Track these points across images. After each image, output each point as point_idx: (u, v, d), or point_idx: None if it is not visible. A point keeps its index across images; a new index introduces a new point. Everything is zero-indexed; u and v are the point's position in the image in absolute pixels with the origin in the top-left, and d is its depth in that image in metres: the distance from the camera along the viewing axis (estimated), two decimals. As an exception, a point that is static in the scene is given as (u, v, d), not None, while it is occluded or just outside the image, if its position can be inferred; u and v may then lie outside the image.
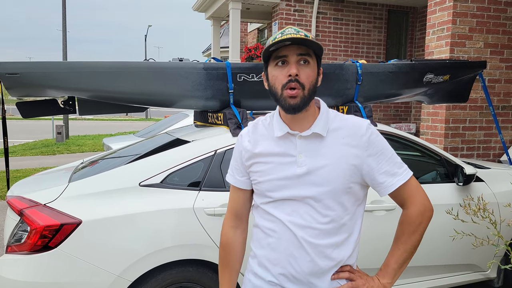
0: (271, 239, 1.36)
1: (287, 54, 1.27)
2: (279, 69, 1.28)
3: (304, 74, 1.27)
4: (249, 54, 10.00)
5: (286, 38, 1.23)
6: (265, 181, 1.35)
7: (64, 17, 14.64)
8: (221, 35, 14.50)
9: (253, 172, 1.39)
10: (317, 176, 1.30)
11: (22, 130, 20.81)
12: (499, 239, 2.33)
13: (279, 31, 1.30)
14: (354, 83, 3.10)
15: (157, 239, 2.32)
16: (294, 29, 1.29)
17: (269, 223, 1.37)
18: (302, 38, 1.23)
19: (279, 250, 1.34)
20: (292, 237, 1.32)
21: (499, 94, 5.58)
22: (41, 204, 2.27)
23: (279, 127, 1.35)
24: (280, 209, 1.34)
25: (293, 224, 1.32)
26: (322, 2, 8.83)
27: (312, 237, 1.31)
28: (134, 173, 2.46)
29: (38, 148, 12.67)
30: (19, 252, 2.21)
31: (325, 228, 1.31)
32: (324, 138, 1.32)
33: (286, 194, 1.32)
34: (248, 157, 1.39)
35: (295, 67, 1.26)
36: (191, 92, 2.81)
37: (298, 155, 1.32)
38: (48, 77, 2.59)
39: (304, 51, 1.27)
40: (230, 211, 1.49)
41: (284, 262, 1.34)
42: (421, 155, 3.10)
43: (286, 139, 1.34)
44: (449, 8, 5.21)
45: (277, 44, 1.25)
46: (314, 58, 1.31)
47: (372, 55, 9.31)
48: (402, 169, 1.36)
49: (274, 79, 1.30)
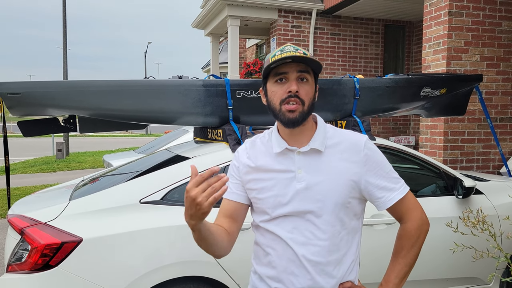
0: (271, 257, 1.36)
1: (287, 71, 1.30)
2: (279, 85, 1.31)
3: (303, 90, 1.30)
4: (248, 69, 10.09)
5: (287, 56, 1.26)
6: (265, 198, 1.35)
7: (65, 35, 14.80)
8: (220, 51, 14.64)
9: (252, 190, 1.39)
10: (316, 192, 1.31)
11: (23, 148, 20.83)
12: (499, 251, 2.33)
13: (278, 49, 1.33)
14: (352, 97, 3.13)
15: (157, 256, 2.32)
16: (293, 46, 1.32)
17: (269, 241, 1.37)
18: (302, 56, 1.26)
19: (280, 269, 1.34)
20: (293, 255, 1.32)
21: (497, 106, 5.62)
22: (42, 222, 2.28)
23: (277, 144, 1.36)
24: (280, 227, 1.34)
25: (293, 241, 1.32)
26: (319, 17, 8.95)
27: (313, 255, 1.32)
28: (135, 190, 2.47)
29: (38, 166, 12.67)
30: (20, 271, 2.20)
31: (325, 244, 1.32)
32: (322, 154, 1.34)
33: (286, 210, 1.33)
34: (247, 172, 1.39)
35: (295, 84, 1.29)
36: (191, 109, 2.84)
37: (297, 170, 1.33)
38: (49, 96, 2.62)
39: (303, 68, 1.31)
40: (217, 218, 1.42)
41: (284, 280, 1.34)
42: (420, 168, 3.11)
43: (284, 155, 1.36)
44: (445, 23, 5.29)
45: (278, 62, 1.28)
46: (312, 75, 1.34)
47: (369, 69, 9.40)
48: (399, 184, 1.38)
49: (273, 95, 1.32)
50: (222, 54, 15.04)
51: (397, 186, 1.38)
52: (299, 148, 1.34)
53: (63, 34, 14.80)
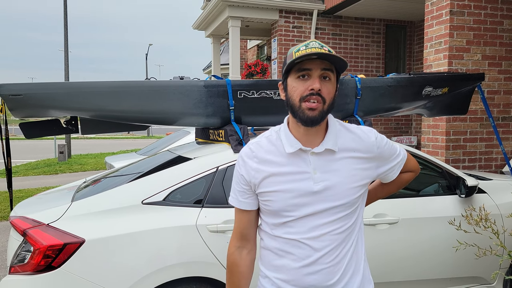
0: (285, 260, 1.34)
1: (311, 68, 1.26)
2: (301, 81, 1.27)
3: (325, 89, 1.27)
4: (249, 70, 10.09)
5: (313, 53, 1.22)
6: (280, 200, 1.31)
7: (66, 38, 14.82)
8: (221, 52, 14.66)
9: (265, 193, 1.34)
10: (333, 191, 1.30)
11: (24, 150, 20.87)
12: (503, 249, 2.32)
13: (303, 44, 1.29)
14: (353, 97, 3.13)
15: (160, 257, 2.32)
16: (318, 43, 1.28)
17: (283, 245, 1.34)
18: (328, 53, 1.23)
19: (295, 271, 1.33)
20: (309, 256, 1.31)
21: (499, 106, 5.61)
22: (44, 224, 2.28)
23: (289, 143, 1.32)
24: (296, 228, 1.32)
25: (310, 241, 1.31)
26: (321, 18, 8.95)
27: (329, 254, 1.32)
28: (137, 191, 2.47)
29: (40, 168, 12.69)
30: (23, 272, 2.20)
31: (341, 242, 1.34)
32: (335, 153, 1.33)
33: (303, 211, 1.31)
34: (258, 176, 1.34)
35: (318, 82, 1.25)
36: (192, 110, 2.84)
37: (312, 171, 1.30)
38: (51, 97, 2.62)
39: (327, 66, 1.27)
40: (236, 231, 1.44)
41: (300, 282, 1.33)
42: (423, 167, 3.11)
43: (298, 155, 1.32)
44: (446, 22, 5.28)
45: (303, 57, 1.23)
46: (335, 74, 1.31)
47: (371, 69, 9.39)
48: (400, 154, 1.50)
49: (293, 91, 1.28)
50: (223, 56, 15.05)
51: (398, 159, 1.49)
52: (313, 148, 1.31)
53: (64, 36, 14.83)
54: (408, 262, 2.79)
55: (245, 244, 1.44)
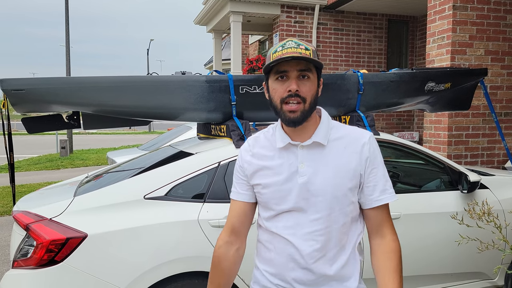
0: (272, 253, 1.37)
1: (288, 70, 1.28)
2: (280, 83, 1.30)
3: (304, 88, 1.28)
4: (250, 66, 10.07)
5: (286, 56, 1.24)
6: (269, 192, 1.35)
7: (67, 33, 14.81)
8: (222, 47, 14.62)
9: (256, 185, 1.39)
10: (317, 185, 1.31)
11: (26, 145, 20.92)
12: (505, 243, 2.32)
13: (280, 44, 1.31)
14: (355, 92, 3.12)
15: (162, 252, 2.32)
16: (295, 42, 1.29)
17: (270, 238, 1.38)
18: (302, 56, 1.24)
19: (280, 265, 1.35)
20: (293, 251, 1.33)
21: (502, 101, 5.59)
22: (47, 218, 2.28)
23: (280, 138, 1.36)
24: (282, 223, 1.34)
25: (294, 237, 1.32)
26: (322, 13, 8.92)
27: (313, 250, 1.32)
28: (139, 186, 2.47)
29: (42, 163, 12.73)
30: (26, 267, 2.21)
31: (326, 238, 1.32)
32: (325, 147, 1.34)
33: (289, 205, 1.33)
34: (251, 169, 1.40)
35: (295, 83, 1.27)
36: (194, 105, 2.84)
37: (299, 164, 1.33)
38: (53, 92, 2.62)
39: (304, 67, 1.28)
40: (227, 225, 1.46)
41: (285, 276, 1.35)
42: (425, 163, 3.10)
43: (287, 149, 1.35)
44: (449, 17, 5.25)
45: (277, 61, 1.26)
46: (314, 71, 1.31)
47: (373, 65, 9.36)
48: (391, 189, 1.38)
49: (274, 92, 1.31)
50: (224, 51, 15.02)
51: (390, 190, 1.37)
52: (302, 142, 1.34)
53: (65, 31, 14.81)
54: (409, 257, 2.80)
55: (234, 240, 1.44)
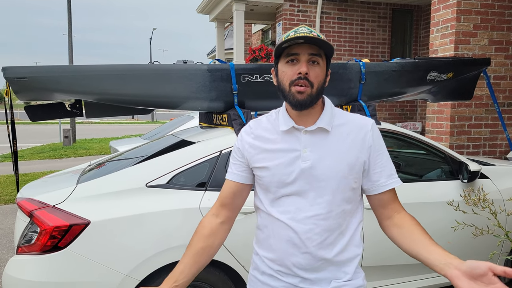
0: (271, 239, 1.38)
1: (299, 53, 1.29)
2: (290, 66, 1.30)
3: (313, 73, 1.29)
4: (253, 55, 10.03)
5: (299, 36, 1.24)
6: (269, 175, 1.35)
7: (70, 22, 14.77)
8: (225, 37, 14.55)
9: (257, 168, 1.39)
10: (321, 171, 1.32)
11: (30, 135, 21.00)
12: (502, 231, 2.34)
13: (293, 29, 1.31)
14: (357, 82, 3.11)
15: (164, 239, 2.35)
16: (308, 28, 1.30)
17: (269, 223, 1.38)
18: (315, 37, 1.25)
19: (280, 251, 1.36)
20: (293, 236, 1.33)
21: (505, 91, 5.56)
22: (50, 205, 2.31)
23: (284, 122, 1.36)
24: (283, 207, 1.35)
25: (294, 221, 1.33)
26: (326, 2, 8.85)
27: (314, 234, 1.32)
28: (141, 174, 2.49)
29: (45, 152, 12.79)
30: (30, 252, 2.25)
31: (326, 224, 1.33)
32: (329, 133, 1.34)
33: (290, 189, 1.34)
34: (252, 151, 1.39)
35: (306, 66, 1.28)
36: (196, 94, 2.84)
37: (302, 149, 1.33)
38: (55, 81, 2.63)
39: (315, 51, 1.29)
40: (217, 201, 1.47)
41: (285, 261, 1.35)
42: (426, 153, 3.11)
43: (291, 133, 1.36)
44: (453, 6, 5.21)
45: (290, 41, 1.26)
46: (324, 59, 1.33)
47: (376, 54, 9.31)
48: (395, 174, 1.39)
49: (283, 75, 1.32)
50: (227, 40, 14.95)
51: (395, 174, 1.39)
52: (306, 127, 1.34)
53: (68, 21, 14.76)
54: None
55: (220, 214, 1.44)
